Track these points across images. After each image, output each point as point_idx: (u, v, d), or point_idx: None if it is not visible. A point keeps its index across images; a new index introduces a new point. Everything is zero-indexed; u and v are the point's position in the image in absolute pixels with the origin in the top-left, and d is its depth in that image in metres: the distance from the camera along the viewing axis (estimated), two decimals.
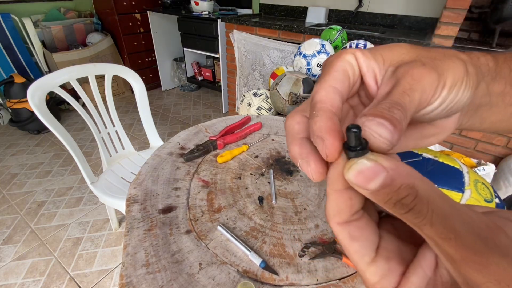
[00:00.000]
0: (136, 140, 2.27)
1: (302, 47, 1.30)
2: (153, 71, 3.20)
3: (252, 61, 2.16)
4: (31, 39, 2.42)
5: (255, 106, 1.33)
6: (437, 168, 0.33)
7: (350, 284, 0.42)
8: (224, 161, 0.68)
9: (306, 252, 0.46)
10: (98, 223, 1.49)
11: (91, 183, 1.08)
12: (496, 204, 0.32)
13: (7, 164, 1.91)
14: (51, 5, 2.61)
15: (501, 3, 1.39)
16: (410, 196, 0.11)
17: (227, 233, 0.48)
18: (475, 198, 0.30)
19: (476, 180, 0.32)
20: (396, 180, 0.12)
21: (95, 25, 2.82)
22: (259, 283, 0.42)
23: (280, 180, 0.64)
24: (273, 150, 0.74)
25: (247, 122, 0.84)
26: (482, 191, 0.31)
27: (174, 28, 2.87)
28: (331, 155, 0.14)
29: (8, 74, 2.22)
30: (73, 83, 1.06)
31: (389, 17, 1.96)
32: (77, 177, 1.81)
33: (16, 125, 2.19)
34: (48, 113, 0.95)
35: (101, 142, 1.16)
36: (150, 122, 1.33)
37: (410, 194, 0.11)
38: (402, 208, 0.11)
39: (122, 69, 1.20)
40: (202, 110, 2.85)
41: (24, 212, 1.54)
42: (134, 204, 0.54)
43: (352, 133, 0.13)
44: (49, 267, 1.26)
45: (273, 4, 2.44)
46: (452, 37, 1.43)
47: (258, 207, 0.56)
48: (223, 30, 2.28)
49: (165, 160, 0.67)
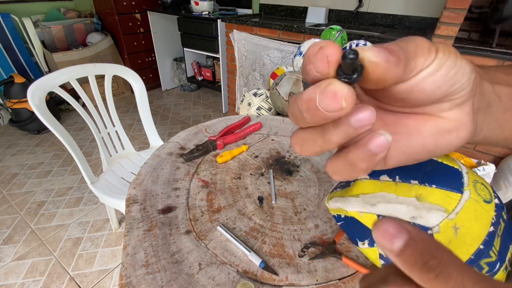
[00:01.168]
0: (136, 140, 2.27)
1: (302, 47, 1.30)
2: (153, 71, 3.20)
3: (252, 61, 2.16)
4: (31, 39, 2.42)
5: (255, 106, 1.33)
6: (436, 168, 0.33)
7: (350, 284, 0.42)
8: (224, 161, 0.68)
9: (306, 252, 0.46)
10: (98, 223, 1.49)
11: (91, 183, 1.08)
12: (495, 204, 0.32)
13: (7, 164, 1.91)
14: (51, 5, 2.61)
15: (501, 3, 1.39)
16: (435, 260, 0.11)
17: (226, 233, 0.48)
18: (474, 199, 0.30)
19: (475, 180, 0.32)
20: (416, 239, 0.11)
21: (95, 25, 2.82)
22: (258, 283, 0.42)
23: (280, 180, 0.64)
24: (273, 150, 0.74)
25: (247, 122, 0.84)
26: (481, 192, 0.31)
27: (174, 28, 2.87)
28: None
29: (8, 74, 2.22)
30: (73, 83, 1.06)
31: (389, 17, 1.96)
32: (77, 177, 1.81)
33: (16, 125, 2.19)
34: (48, 113, 0.95)
35: (101, 142, 1.16)
36: (150, 122, 1.33)
37: (434, 257, 0.11)
38: (429, 271, 0.11)
39: (122, 69, 1.20)
40: (202, 110, 2.85)
41: (24, 212, 1.54)
42: (134, 204, 0.54)
43: (349, 57, 0.12)
44: (49, 267, 1.26)
45: (273, 4, 2.44)
46: (452, 37, 1.43)
47: (258, 207, 0.56)
48: (223, 30, 2.28)
49: (165, 160, 0.67)
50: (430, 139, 0.18)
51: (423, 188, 0.31)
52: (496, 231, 0.30)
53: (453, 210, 0.29)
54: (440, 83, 0.16)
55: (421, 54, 0.15)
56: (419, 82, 0.16)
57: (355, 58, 0.12)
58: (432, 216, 0.29)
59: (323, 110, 0.13)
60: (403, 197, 0.32)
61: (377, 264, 0.41)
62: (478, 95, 0.18)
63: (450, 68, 0.16)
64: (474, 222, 0.29)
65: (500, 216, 0.31)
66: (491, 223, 0.30)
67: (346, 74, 0.13)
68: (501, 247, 0.31)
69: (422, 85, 0.16)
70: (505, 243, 0.31)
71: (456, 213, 0.29)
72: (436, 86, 0.16)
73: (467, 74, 0.16)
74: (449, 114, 0.17)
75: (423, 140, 0.18)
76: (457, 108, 0.17)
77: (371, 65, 0.13)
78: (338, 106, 0.13)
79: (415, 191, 0.31)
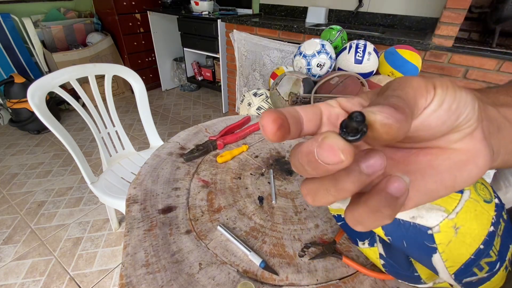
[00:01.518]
0: (136, 140, 2.27)
1: (302, 47, 1.30)
2: (153, 71, 3.20)
3: (252, 61, 2.15)
4: (31, 39, 2.42)
5: (255, 106, 1.33)
6: None
7: (350, 284, 0.42)
8: (224, 161, 0.68)
9: (306, 252, 0.46)
10: (98, 223, 1.49)
11: (91, 183, 1.08)
12: (495, 204, 0.32)
13: (7, 164, 1.91)
14: (51, 5, 2.61)
15: (501, 3, 1.40)
16: None
17: (227, 233, 0.48)
18: (474, 199, 0.30)
19: None
20: None
21: (95, 25, 2.82)
22: (259, 283, 0.42)
23: (280, 180, 0.64)
24: (273, 150, 0.74)
25: (247, 122, 0.84)
26: (481, 191, 0.31)
27: (174, 28, 2.87)
28: None
29: (8, 74, 2.22)
30: (73, 83, 1.06)
31: (389, 17, 1.96)
32: (77, 177, 1.81)
33: (16, 125, 2.19)
34: (48, 113, 0.95)
35: (101, 142, 1.16)
36: (150, 122, 1.33)
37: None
38: None
39: (122, 69, 1.20)
40: (202, 110, 2.85)
41: (24, 212, 1.54)
42: (134, 204, 0.54)
43: (356, 120, 0.12)
44: (49, 267, 1.26)
45: (273, 4, 2.44)
46: (452, 37, 1.43)
47: (258, 207, 0.56)
48: (223, 30, 2.28)
49: (165, 160, 0.67)
50: (447, 175, 0.17)
51: None
52: (496, 231, 0.30)
53: (453, 210, 0.29)
54: (444, 118, 0.15)
55: (420, 96, 0.15)
56: (423, 120, 0.15)
57: (362, 121, 0.12)
58: (432, 216, 0.29)
59: (323, 163, 0.13)
60: None
61: (377, 264, 0.41)
62: (486, 121, 0.17)
63: (451, 102, 0.15)
64: (474, 222, 0.29)
65: (500, 216, 0.31)
66: (491, 223, 0.30)
67: (349, 133, 0.13)
68: (501, 247, 0.31)
69: (427, 122, 0.15)
70: (505, 243, 0.31)
71: (456, 213, 0.29)
72: (441, 121, 0.15)
73: (469, 104, 0.16)
74: (461, 145, 0.17)
75: (440, 177, 0.17)
76: (468, 137, 0.16)
77: (383, 128, 0.13)
78: (337, 159, 0.12)
79: None
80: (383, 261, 0.39)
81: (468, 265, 0.29)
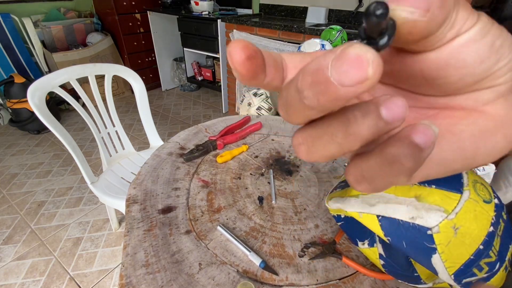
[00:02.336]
0: (136, 140, 2.27)
1: (302, 47, 1.30)
2: (153, 71, 3.20)
3: None
4: (31, 39, 2.41)
5: (255, 106, 1.33)
6: None
7: (350, 284, 0.42)
8: (224, 161, 0.68)
9: (306, 252, 0.46)
10: (98, 223, 1.49)
11: (91, 183, 1.09)
12: (495, 205, 0.32)
13: (7, 164, 1.91)
14: (51, 5, 2.61)
15: (501, 3, 1.40)
16: None
17: (227, 233, 0.48)
18: (474, 199, 0.30)
19: (475, 180, 0.32)
20: None
21: (95, 25, 2.82)
22: (259, 283, 0.42)
23: (280, 180, 0.64)
24: (273, 150, 0.74)
25: (247, 122, 0.84)
26: (481, 192, 0.31)
27: (174, 28, 2.87)
28: None
29: (8, 74, 2.22)
30: (73, 83, 1.06)
31: None
32: (77, 177, 1.81)
33: (16, 125, 2.19)
34: (48, 113, 0.95)
35: (101, 142, 1.16)
36: (150, 122, 1.33)
37: None
38: None
39: (122, 69, 1.20)
40: (202, 110, 2.85)
41: (24, 212, 1.54)
42: (134, 204, 0.54)
43: (376, 14, 0.09)
44: (49, 267, 1.26)
45: (273, 4, 2.44)
46: None
47: (258, 207, 0.56)
48: (223, 30, 2.28)
49: (165, 160, 0.67)
50: (468, 143, 0.13)
51: (422, 188, 0.31)
52: (495, 231, 0.30)
53: (453, 211, 0.29)
54: (484, 55, 0.12)
55: (464, 8, 0.11)
56: (457, 51, 0.12)
57: (385, 14, 0.09)
58: (432, 216, 0.29)
59: (337, 83, 0.09)
60: (402, 197, 0.32)
61: (377, 264, 0.41)
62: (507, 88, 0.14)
63: (496, 36, 0.12)
64: (473, 222, 0.29)
65: (499, 216, 0.31)
66: (491, 223, 0.30)
67: (371, 39, 0.09)
68: (501, 247, 0.31)
69: (462, 55, 0.12)
70: (505, 243, 0.31)
71: (456, 213, 0.29)
72: (480, 58, 0.12)
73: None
74: (492, 108, 0.13)
75: (460, 145, 0.13)
76: (502, 100, 0.13)
77: (407, 25, 0.10)
78: (362, 74, 0.09)
79: (415, 191, 0.31)
80: (383, 261, 0.39)
81: (467, 265, 0.29)
